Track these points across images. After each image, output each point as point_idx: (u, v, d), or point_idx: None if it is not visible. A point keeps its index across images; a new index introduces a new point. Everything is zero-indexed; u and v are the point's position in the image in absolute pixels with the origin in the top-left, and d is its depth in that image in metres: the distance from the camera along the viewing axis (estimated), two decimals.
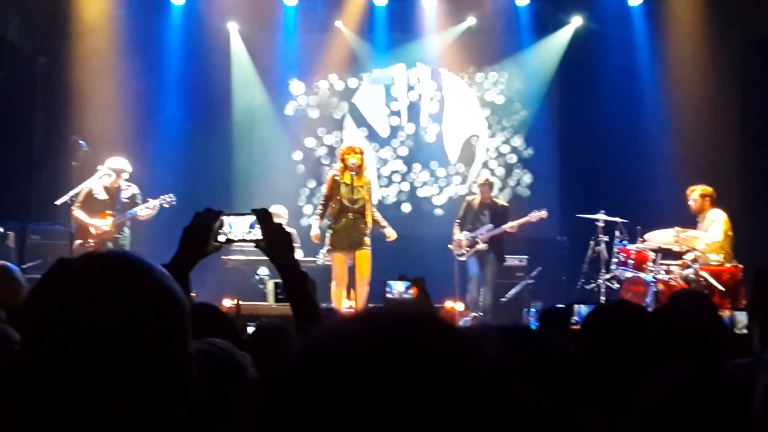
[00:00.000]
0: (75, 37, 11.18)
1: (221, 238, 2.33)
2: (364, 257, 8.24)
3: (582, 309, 3.26)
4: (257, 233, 2.34)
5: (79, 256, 1.32)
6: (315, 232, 8.80)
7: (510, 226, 9.71)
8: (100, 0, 11.29)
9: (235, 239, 2.35)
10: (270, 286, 3.91)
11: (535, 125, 12.13)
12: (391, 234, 8.75)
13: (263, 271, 10.09)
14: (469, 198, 10.21)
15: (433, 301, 4.20)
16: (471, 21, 12.09)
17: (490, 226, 9.72)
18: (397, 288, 3.68)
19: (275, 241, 2.36)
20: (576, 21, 11.94)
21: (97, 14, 11.27)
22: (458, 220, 10.00)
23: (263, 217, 2.36)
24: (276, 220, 2.41)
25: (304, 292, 2.37)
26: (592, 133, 11.52)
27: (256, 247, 2.37)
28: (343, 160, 8.47)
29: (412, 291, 3.86)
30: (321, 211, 8.67)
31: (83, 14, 11.21)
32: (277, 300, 2.38)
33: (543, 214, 9.83)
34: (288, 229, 2.64)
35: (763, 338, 2.97)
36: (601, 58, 11.71)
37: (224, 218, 2.33)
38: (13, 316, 2.40)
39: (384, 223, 8.83)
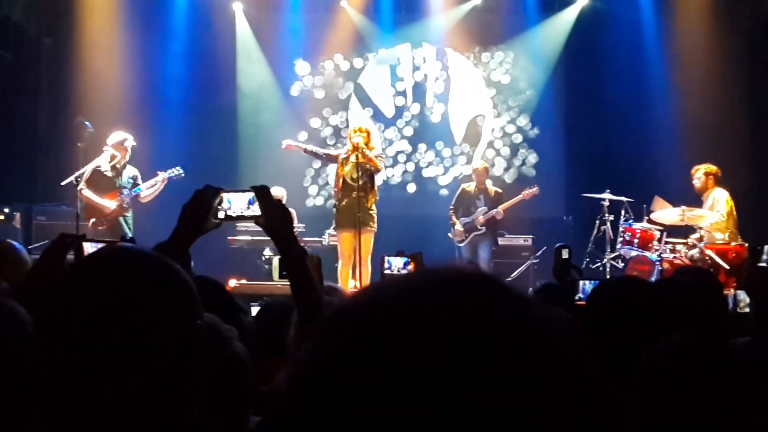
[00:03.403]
0: (80, 17, 11.17)
1: (220, 215, 2.34)
2: (367, 238, 8.24)
3: (586, 285, 3.26)
4: (256, 209, 2.34)
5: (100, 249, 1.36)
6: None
7: (504, 207, 9.66)
8: None
9: (234, 216, 2.35)
10: (275, 262, 3.91)
11: (540, 105, 12.08)
12: None
13: (269, 252, 10.11)
14: (464, 185, 10.16)
15: None
16: (476, 0, 12.03)
17: (485, 208, 9.69)
18: (396, 264, 3.69)
19: (274, 218, 2.36)
20: (582, 0, 11.87)
21: None
22: (452, 207, 9.95)
23: (262, 193, 2.36)
24: None
25: (302, 268, 2.38)
26: (597, 112, 11.48)
27: (255, 223, 2.38)
28: (349, 139, 8.48)
29: (411, 267, 3.86)
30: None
31: None
32: (281, 276, 2.40)
33: (535, 190, 9.80)
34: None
35: (759, 315, 2.97)
36: (608, 37, 11.65)
37: (223, 195, 2.34)
38: (18, 290, 2.42)
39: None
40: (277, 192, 9.58)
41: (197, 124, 11.66)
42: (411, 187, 12.23)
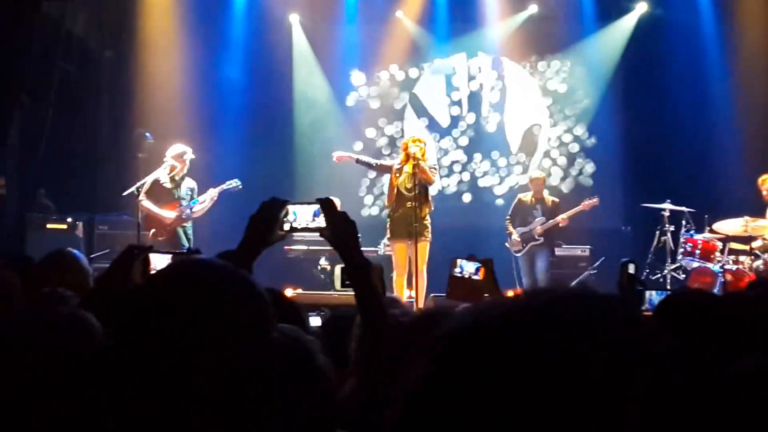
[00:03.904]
0: (140, 31, 11.37)
1: (286, 227, 2.35)
2: (421, 247, 8.21)
3: (653, 296, 3.19)
4: (321, 221, 2.35)
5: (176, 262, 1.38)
6: None
7: (563, 217, 9.56)
8: None
9: (300, 227, 2.36)
10: (337, 271, 3.92)
11: (598, 114, 11.95)
12: None
13: (325, 262, 10.15)
14: (520, 195, 10.08)
15: None
16: (533, 9, 11.96)
17: (543, 218, 9.59)
18: (468, 268, 3.65)
19: (339, 229, 2.37)
20: (641, 7, 11.73)
21: (161, 9, 11.45)
22: (509, 217, 9.87)
23: (327, 205, 2.37)
24: None
25: (366, 279, 2.38)
26: (657, 121, 11.31)
27: (320, 235, 2.38)
28: (405, 149, 8.46)
29: (481, 272, 3.82)
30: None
31: (147, 10, 11.39)
32: (344, 285, 2.40)
33: (595, 201, 9.66)
34: None
35: None
36: (667, 45, 11.48)
37: (289, 207, 2.35)
38: (85, 301, 2.47)
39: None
40: (336, 202, 9.61)
41: (254, 135, 11.77)
42: (466, 197, 12.18)
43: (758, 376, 1.40)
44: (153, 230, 8.34)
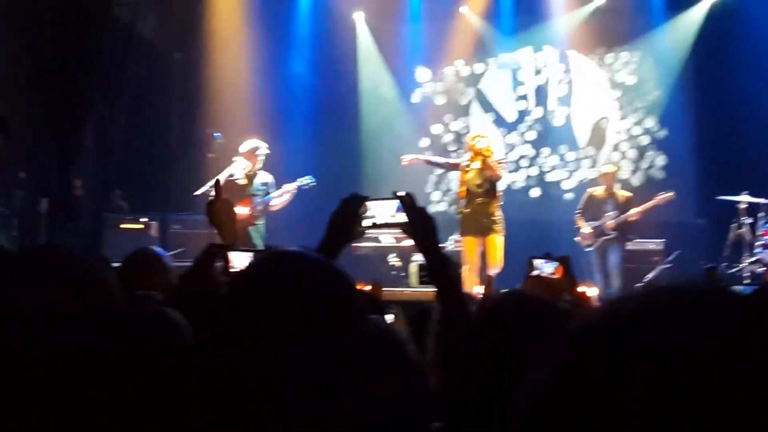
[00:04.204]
0: (207, 32, 11.54)
1: (367, 223, 2.35)
2: (494, 242, 8.19)
3: (741, 291, 3.10)
4: (401, 217, 2.35)
5: (267, 255, 1.39)
6: None
7: (636, 211, 9.39)
8: None
9: (381, 223, 2.36)
10: (413, 268, 3.92)
11: (669, 106, 11.71)
12: None
13: (394, 258, 10.17)
14: (590, 189, 9.93)
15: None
16: (600, 0, 11.78)
17: (615, 212, 9.44)
18: (546, 269, 3.61)
19: (419, 225, 2.36)
20: None
21: (228, 10, 11.60)
22: (579, 211, 9.73)
23: (407, 201, 2.36)
24: None
25: (447, 275, 2.37)
26: (731, 111, 11.02)
27: (401, 231, 2.38)
28: (471, 148, 8.45)
29: (558, 270, 3.77)
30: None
31: (215, 11, 11.55)
32: (421, 282, 2.39)
33: (670, 195, 9.46)
34: None
35: None
36: (740, 33, 11.17)
37: (369, 203, 2.35)
38: (173, 299, 2.50)
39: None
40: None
41: (321, 132, 11.85)
42: (535, 192, 12.07)
43: None
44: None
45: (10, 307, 1.44)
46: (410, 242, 8.51)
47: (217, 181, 3.58)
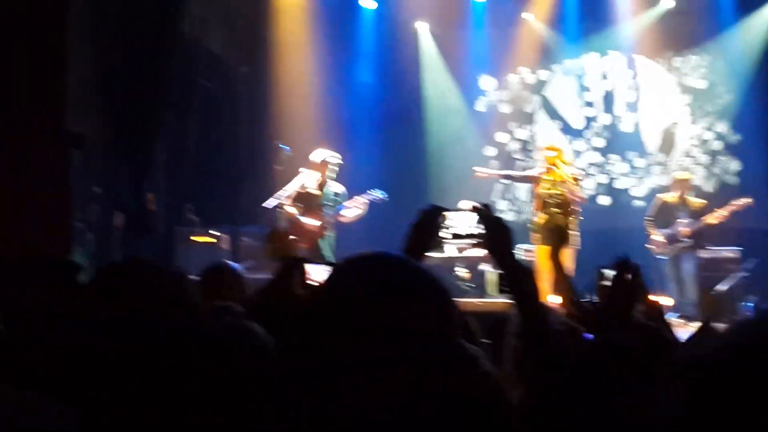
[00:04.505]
0: (273, 44, 11.66)
1: (446, 234, 2.34)
2: (565, 252, 8.11)
3: None
4: (479, 228, 2.33)
5: (357, 257, 1.37)
6: None
7: (713, 217, 9.18)
8: (296, 10, 11.70)
9: (460, 235, 2.35)
10: (492, 277, 3.90)
11: (742, 109, 11.43)
12: None
13: (461, 269, 10.11)
14: (661, 195, 9.75)
15: None
16: (668, 3, 11.60)
17: (690, 220, 9.23)
18: None
19: (496, 235, 2.35)
20: None
21: (292, 23, 11.71)
22: (650, 218, 9.54)
23: (484, 212, 2.35)
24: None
25: (525, 286, 2.35)
26: None
27: (477, 242, 2.36)
28: (546, 159, 8.43)
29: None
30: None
31: (280, 23, 11.68)
32: (500, 291, 2.39)
33: (748, 201, 9.22)
34: None
35: None
36: None
37: (447, 214, 2.34)
38: (251, 311, 2.52)
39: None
40: (466, 205, 9.58)
41: (386, 142, 11.90)
42: (604, 200, 11.90)
43: None
44: (296, 238, 8.45)
45: (109, 318, 1.47)
46: (476, 252, 8.48)
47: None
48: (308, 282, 2.85)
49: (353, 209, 8.56)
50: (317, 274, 2.90)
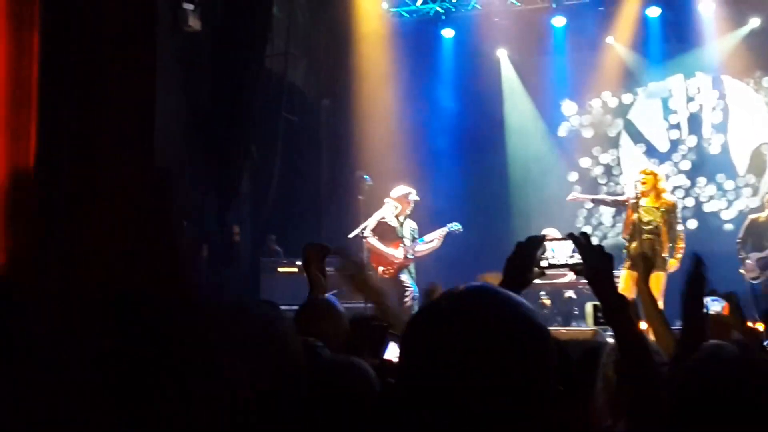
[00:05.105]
0: (354, 77, 11.79)
1: (544, 264, 2.31)
2: (655, 279, 7.92)
3: None
4: (579, 257, 2.30)
5: (446, 292, 1.35)
6: None
7: None
8: (376, 40, 11.82)
9: (558, 264, 2.32)
10: (588, 308, 3.82)
11: None
12: None
13: (545, 296, 9.99)
14: (752, 216, 9.46)
15: None
16: (754, 23, 11.32)
17: None
18: (713, 307, 3.48)
19: (595, 265, 2.30)
20: None
21: (373, 56, 11.83)
22: (739, 241, 9.25)
23: (582, 241, 2.31)
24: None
25: (622, 316, 2.29)
26: None
27: (575, 272, 2.33)
28: (640, 182, 8.31)
29: (725, 308, 3.63)
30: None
31: (361, 56, 11.81)
32: (597, 323, 2.34)
33: None
34: None
35: None
36: None
37: (546, 244, 2.31)
38: (344, 347, 2.51)
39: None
40: (553, 232, 9.47)
41: (469, 168, 11.88)
42: (692, 224, 11.61)
43: None
44: (381, 268, 8.51)
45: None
46: (559, 280, 8.37)
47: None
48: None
49: (432, 242, 8.69)
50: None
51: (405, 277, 8.49)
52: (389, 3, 12.17)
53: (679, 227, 8.30)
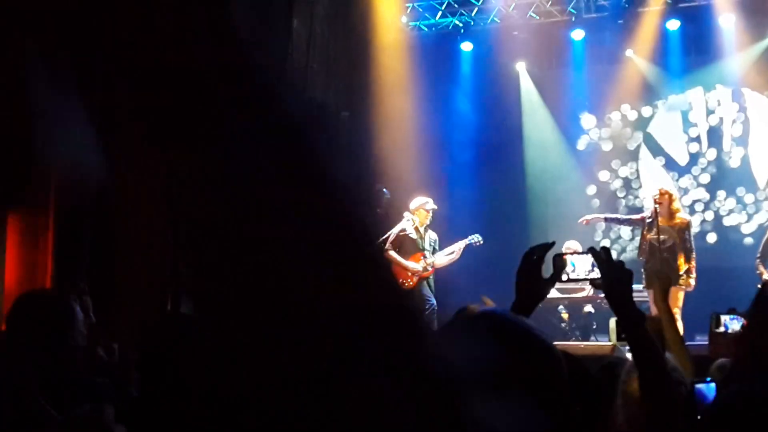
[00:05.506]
0: (373, 91, 11.84)
1: (564, 278, 2.34)
2: (673, 295, 7.92)
3: None
4: (595, 272, 2.32)
5: (468, 315, 1.38)
6: None
7: None
8: (394, 52, 11.87)
9: (578, 278, 2.35)
10: (612, 324, 3.81)
11: None
12: None
13: (563, 310, 9.98)
14: None
15: None
16: None
17: None
18: (733, 326, 3.47)
19: (614, 280, 2.32)
20: None
21: (393, 69, 11.88)
22: (759, 256, 9.20)
23: (601, 255, 2.33)
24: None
25: (640, 332, 2.31)
26: None
27: (594, 286, 2.35)
28: (656, 201, 8.34)
29: (744, 325, 3.62)
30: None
31: (380, 68, 11.86)
32: (620, 339, 2.35)
33: None
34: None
35: None
36: None
37: (567, 258, 2.34)
38: None
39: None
40: (574, 245, 9.47)
41: (487, 182, 11.89)
42: (711, 237, 11.56)
43: None
44: (400, 280, 8.55)
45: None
46: (578, 294, 8.37)
47: None
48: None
49: (451, 254, 8.72)
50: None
51: (425, 290, 8.52)
52: (408, 17, 12.23)
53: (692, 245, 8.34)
